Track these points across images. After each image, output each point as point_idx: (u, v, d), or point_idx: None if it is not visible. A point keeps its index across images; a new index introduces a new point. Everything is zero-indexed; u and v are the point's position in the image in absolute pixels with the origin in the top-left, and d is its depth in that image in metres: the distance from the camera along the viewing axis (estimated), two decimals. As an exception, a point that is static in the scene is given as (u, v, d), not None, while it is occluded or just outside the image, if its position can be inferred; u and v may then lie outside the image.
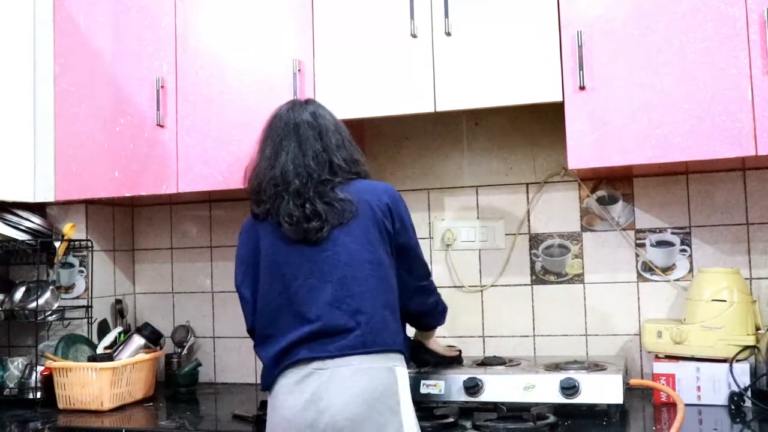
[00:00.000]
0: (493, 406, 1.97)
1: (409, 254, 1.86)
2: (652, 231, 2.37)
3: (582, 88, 2.04)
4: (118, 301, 2.77)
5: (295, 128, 1.84)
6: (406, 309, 1.87)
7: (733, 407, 2.00)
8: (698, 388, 2.05)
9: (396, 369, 1.72)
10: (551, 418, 1.86)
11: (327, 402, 1.65)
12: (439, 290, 2.00)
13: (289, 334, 1.73)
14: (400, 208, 1.84)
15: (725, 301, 2.07)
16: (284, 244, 1.78)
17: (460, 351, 2.23)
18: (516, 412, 1.92)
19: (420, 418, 1.80)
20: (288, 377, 1.71)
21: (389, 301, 1.77)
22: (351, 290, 1.71)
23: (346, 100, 2.24)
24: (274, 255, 1.80)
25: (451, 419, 1.92)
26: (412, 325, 2.03)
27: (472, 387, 2.01)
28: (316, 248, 1.75)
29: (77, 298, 2.66)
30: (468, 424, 1.91)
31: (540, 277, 2.47)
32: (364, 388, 1.66)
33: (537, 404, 1.93)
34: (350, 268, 1.72)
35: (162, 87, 2.41)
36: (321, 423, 1.64)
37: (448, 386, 2.05)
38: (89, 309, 2.61)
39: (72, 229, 2.58)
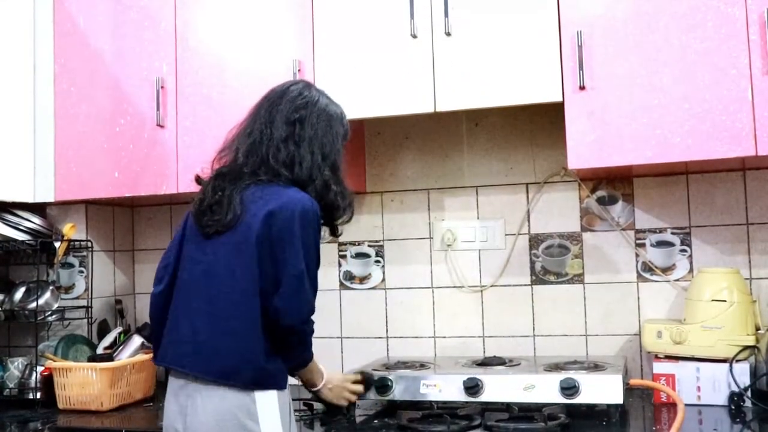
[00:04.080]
0: (505, 406, 1.95)
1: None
2: (652, 231, 2.37)
3: (582, 88, 2.04)
4: (118, 302, 2.77)
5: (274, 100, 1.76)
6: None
7: (733, 407, 1.99)
8: (698, 388, 2.05)
9: (255, 391, 1.61)
10: (562, 418, 1.84)
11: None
12: (439, 291, 1.97)
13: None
14: (292, 226, 1.62)
15: (725, 301, 2.06)
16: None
17: (363, 381, 2.03)
18: (527, 412, 1.90)
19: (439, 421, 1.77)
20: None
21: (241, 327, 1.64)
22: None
23: (346, 101, 2.22)
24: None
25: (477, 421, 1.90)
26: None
27: (472, 387, 2.01)
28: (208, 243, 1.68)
29: (77, 298, 2.66)
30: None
31: (540, 277, 2.46)
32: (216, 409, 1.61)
33: (537, 404, 1.92)
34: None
35: (162, 87, 2.41)
36: None
37: (447, 386, 2.04)
38: (89, 309, 2.61)
39: (72, 229, 2.58)
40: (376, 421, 2.01)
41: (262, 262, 1.61)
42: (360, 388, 1.99)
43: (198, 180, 1.81)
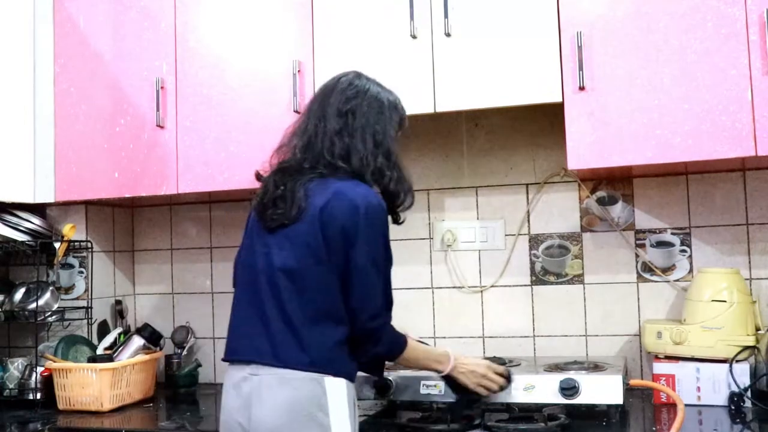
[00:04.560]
0: (505, 407, 1.95)
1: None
2: (652, 231, 2.37)
3: (582, 88, 2.04)
4: (118, 302, 2.77)
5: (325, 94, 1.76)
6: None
7: (733, 407, 1.99)
8: (698, 389, 2.05)
9: (325, 379, 1.61)
10: (562, 419, 1.84)
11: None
12: (439, 291, 1.96)
13: None
14: (355, 220, 1.62)
15: (725, 301, 2.06)
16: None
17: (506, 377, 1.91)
18: (527, 412, 1.90)
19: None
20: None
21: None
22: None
23: (346, 101, 2.24)
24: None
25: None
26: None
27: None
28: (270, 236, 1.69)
29: (77, 299, 2.66)
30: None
31: (540, 277, 2.46)
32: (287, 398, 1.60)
33: (537, 405, 1.93)
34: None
35: (162, 87, 2.41)
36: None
37: (448, 387, 2.04)
38: (89, 310, 2.60)
39: (72, 230, 2.58)
40: (376, 421, 2.01)
41: (331, 254, 1.62)
42: (501, 379, 1.89)
43: (258, 176, 1.81)
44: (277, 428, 1.59)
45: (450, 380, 1.86)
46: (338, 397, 1.62)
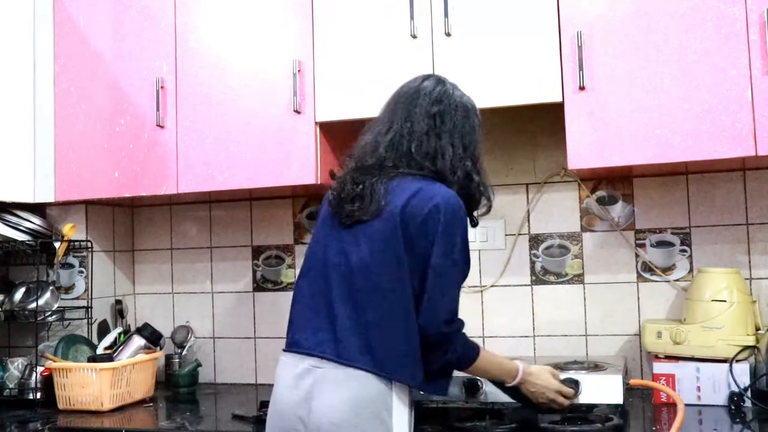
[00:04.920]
0: (504, 406, 1.93)
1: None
2: (652, 231, 2.37)
3: (582, 88, 2.04)
4: (118, 302, 2.77)
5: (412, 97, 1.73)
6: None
7: (733, 407, 1.99)
8: (698, 388, 2.05)
9: (392, 381, 1.59)
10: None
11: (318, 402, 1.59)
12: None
13: None
14: (436, 220, 1.59)
15: (725, 301, 2.06)
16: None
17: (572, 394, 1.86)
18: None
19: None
20: None
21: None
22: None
23: (346, 101, 2.24)
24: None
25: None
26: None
27: (472, 387, 2.01)
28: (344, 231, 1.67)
29: (77, 298, 2.66)
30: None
31: (540, 277, 2.46)
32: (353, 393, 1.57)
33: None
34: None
35: (162, 87, 2.41)
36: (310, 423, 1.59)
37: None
38: (89, 309, 2.60)
39: (72, 229, 2.58)
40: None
41: (409, 253, 1.59)
42: (566, 402, 1.83)
43: (332, 174, 1.80)
44: (340, 423, 1.55)
45: (513, 389, 1.82)
46: (402, 400, 1.60)
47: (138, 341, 2.46)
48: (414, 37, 2.18)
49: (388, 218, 1.61)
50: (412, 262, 1.59)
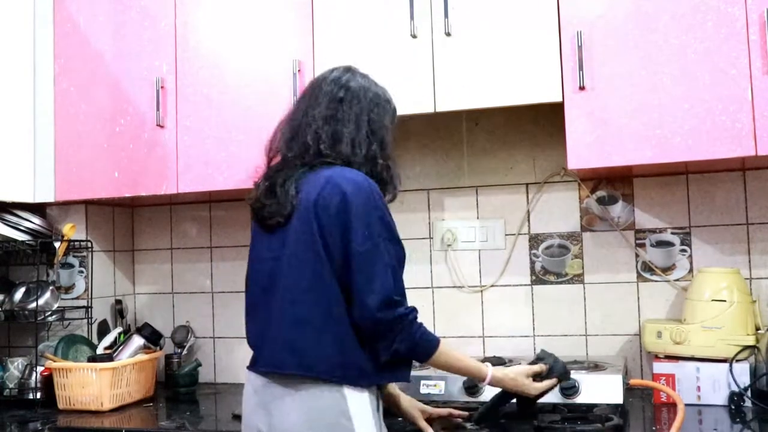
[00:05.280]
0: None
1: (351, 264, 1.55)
2: (652, 231, 2.37)
3: (582, 88, 2.04)
4: (118, 302, 2.77)
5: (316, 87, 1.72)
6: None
7: (733, 407, 1.99)
8: (698, 388, 2.05)
9: (344, 387, 1.56)
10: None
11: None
12: (439, 291, 1.95)
13: None
14: (347, 206, 1.55)
15: (725, 301, 2.07)
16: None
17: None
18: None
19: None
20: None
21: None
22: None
23: (346, 101, 2.24)
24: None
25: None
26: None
27: (472, 387, 2.01)
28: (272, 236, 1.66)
29: (77, 298, 2.66)
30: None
31: (540, 277, 2.46)
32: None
33: (538, 404, 1.92)
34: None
35: (162, 87, 2.41)
36: None
37: (448, 386, 2.04)
38: (89, 309, 2.61)
39: (72, 229, 2.58)
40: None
41: (329, 248, 1.55)
42: (539, 368, 1.82)
43: (256, 184, 1.78)
44: None
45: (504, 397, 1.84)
46: (361, 403, 1.58)
47: (138, 341, 2.46)
48: (414, 36, 2.18)
49: (303, 216, 1.59)
50: (334, 256, 1.55)
